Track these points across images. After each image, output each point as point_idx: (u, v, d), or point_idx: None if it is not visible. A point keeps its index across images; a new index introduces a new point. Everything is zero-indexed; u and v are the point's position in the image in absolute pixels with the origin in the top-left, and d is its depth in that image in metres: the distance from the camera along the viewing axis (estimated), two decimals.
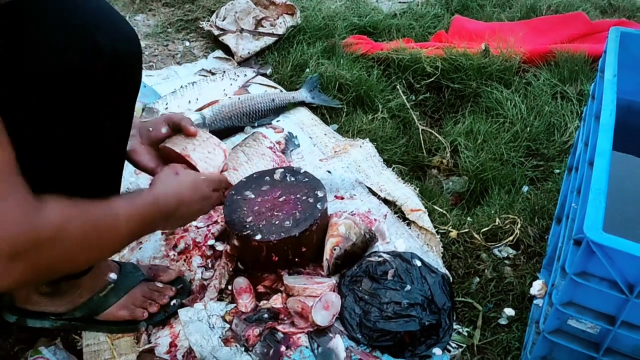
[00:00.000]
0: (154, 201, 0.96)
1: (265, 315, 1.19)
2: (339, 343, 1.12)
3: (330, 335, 1.15)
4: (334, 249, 1.24)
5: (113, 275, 1.17)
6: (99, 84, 0.85)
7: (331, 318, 1.16)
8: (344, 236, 1.25)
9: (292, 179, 1.35)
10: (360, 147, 1.64)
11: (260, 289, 1.25)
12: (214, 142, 1.22)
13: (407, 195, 1.46)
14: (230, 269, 1.28)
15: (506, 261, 1.31)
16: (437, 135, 1.76)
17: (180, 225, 1.09)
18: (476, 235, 1.36)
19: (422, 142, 1.74)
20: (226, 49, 2.13)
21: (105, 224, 0.82)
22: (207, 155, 1.20)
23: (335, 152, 1.64)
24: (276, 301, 1.21)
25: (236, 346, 1.13)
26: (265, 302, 1.22)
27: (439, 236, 1.36)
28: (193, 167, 1.16)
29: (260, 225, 1.23)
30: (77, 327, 1.17)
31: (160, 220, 0.98)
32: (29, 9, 0.76)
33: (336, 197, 1.49)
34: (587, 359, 0.90)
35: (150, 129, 1.16)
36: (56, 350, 1.12)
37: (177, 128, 1.20)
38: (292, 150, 1.66)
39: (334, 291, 1.21)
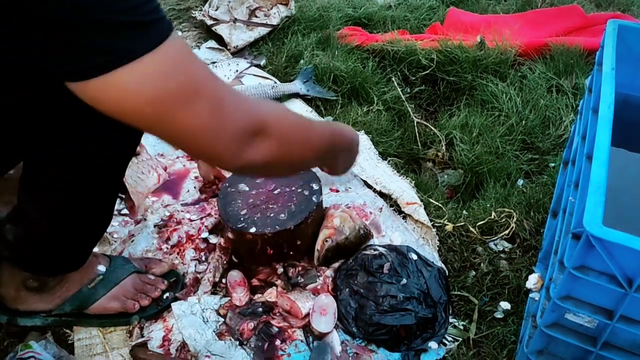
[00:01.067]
0: (340, 129, 1.03)
1: (260, 309, 1.18)
2: (334, 337, 1.12)
3: None
4: (326, 241, 1.23)
5: (102, 268, 1.16)
6: None
7: (333, 320, 1.15)
8: (337, 229, 1.24)
9: None
10: None
11: (255, 282, 1.24)
12: (151, 164, 1.23)
13: (403, 189, 1.45)
14: (224, 262, 1.27)
15: (502, 255, 1.31)
16: (432, 128, 1.75)
17: (344, 164, 1.11)
18: (472, 229, 1.35)
19: (417, 135, 1.73)
20: (219, 39, 2.10)
21: (308, 125, 0.89)
22: (140, 175, 1.21)
23: None
24: (270, 295, 1.20)
25: (230, 340, 1.12)
26: (259, 295, 1.21)
27: (434, 229, 1.35)
28: (123, 183, 1.14)
29: (255, 218, 1.21)
30: (68, 323, 1.15)
31: (342, 142, 1.02)
32: None
33: (331, 189, 1.48)
34: (584, 353, 0.90)
35: None
36: (47, 344, 1.10)
37: None
38: None
39: (327, 288, 1.21)
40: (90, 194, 0.95)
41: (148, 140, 1.62)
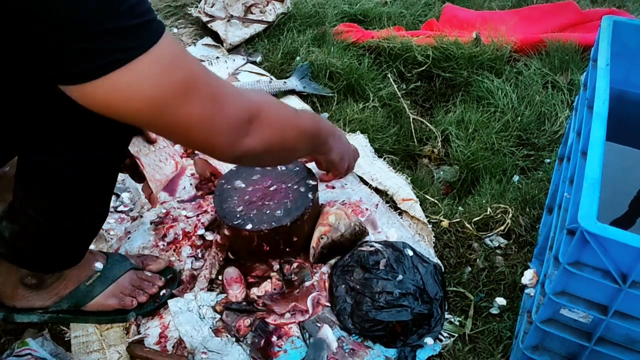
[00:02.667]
0: (315, 115, 1.12)
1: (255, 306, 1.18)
2: (328, 332, 1.12)
3: (318, 325, 1.15)
4: (321, 238, 1.23)
5: (99, 265, 1.15)
6: None
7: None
8: (332, 226, 1.24)
9: (283, 167, 1.33)
10: (350, 136, 1.63)
11: (251, 279, 1.24)
12: (169, 151, 1.24)
13: (399, 185, 1.45)
14: (221, 259, 1.27)
15: (497, 251, 1.32)
16: (428, 124, 1.75)
17: (339, 153, 1.19)
18: (467, 225, 1.36)
19: (413, 131, 1.73)
20: (215, 36, 2.10)
21: (294, 112, 0.94)
22: (158, 163, 1.21)
23: None
24: (265, 289, 1.21)
25: (227, 336, 1.12)
26: (255, 289, 1.21)
27: (430, 225, 1.36)
28: (141, 171, 1.15)
29: (251, 215, 1.21)
30: (65, 319, 1.15)
31: (326, 127, 1.09)
32: None
33: (327, 186, 1.47)
34: (579, 349, 0.91)
35: None
36: (43, 341, 1.10)
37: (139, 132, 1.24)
38: None
39: (323, 285, 1.21)
40: (86, 190, 0.95)
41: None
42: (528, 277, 1.07)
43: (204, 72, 0.71)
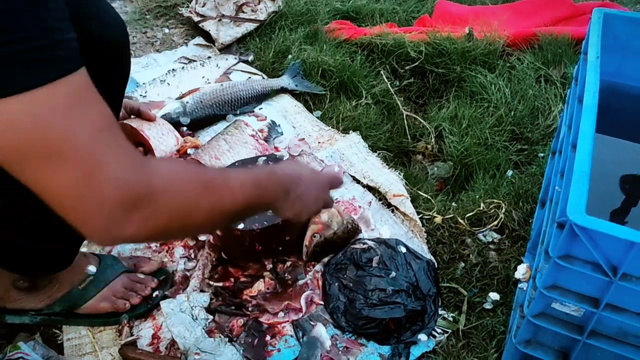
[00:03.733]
0: (270, 170, 0.89)
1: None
2: (321, 331, 1.12)
3: (312, 323, 1.14)
4: (314, 236, 1.23)
5: (92, 268, 1.15)
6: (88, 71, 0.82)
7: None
8: (325, 224, 1.24)
9: None
10: (344, 137, 1.62)
11: (244, 278, 1.23)
12: (168, 127, 1.32)
13: (391, 181, 1.45)
14: (214, 259, 1.27)
15: (491, 246, 1.31)
16: (421, 120, 1.74)
17: (300, 211, 0.93)
18: (461, 221, 1.35)
19: (406, 127, 1.72)
20: (207, 36, 2.09)
21: (217, 184, 0.74)
22: (161, 136, 1.27)
23: (319, 143, 1.62)
24: (258, 288, 1.20)
25: (220, 337, 1.12)
26: (249, 289, 1.21)
27: (419, 221, 1.35)
28: (147, 144, 1.23)
29: None
30: (57, 322, 1.15)
31: (278, 190, 0.86)
32: None
33: None
34: (572, 342, 0.91)
35: None
36: (35, 345, 1.09)
37: (135, 113, 1.27)
38: (275, 138, 1.63)
39: (317, 283, 1.21)
40: None
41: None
42: (521, 271, 1.06)
43: (92, 137, 0.58)
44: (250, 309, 1.17)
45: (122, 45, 0.92)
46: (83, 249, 1.18)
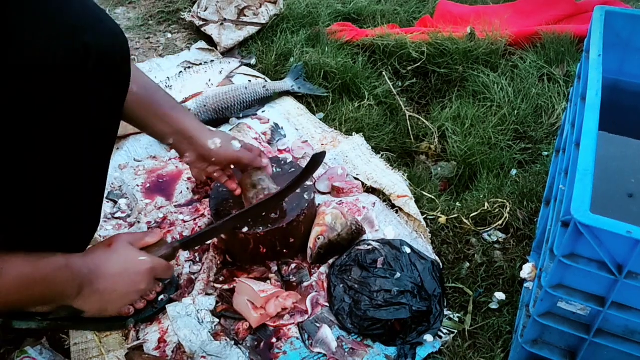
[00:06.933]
0: (65, 263, 0.90)
1: None
2: (327, 332, 1.11)
3: (318, 325, 1.14)
4: (318, 238, 1.23)
5: None
6: (87, 82, 0.82)
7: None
8: (329, 226, 1.24)
9: (279, 169, 1.33)
10: (347, 138, 1.62)
11: None
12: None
13: (394, 182, 1.45)
14: (219, 262, 1.27)
15: (496, 245, 1.31)
16: (424, 121, 1.74)
17: (102, 305, 0.99)
18: (465, 221, 1.35)
19: (409, 128, 1.72)
20: (209, 40, 2.10)
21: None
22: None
23: (323, 145, 1.62)
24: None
25: (226, 340, 1.12)
26: None
27: (423, 221, 1.35)
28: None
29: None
30: (64, 326, 1.15)
31: (71, 287, 0.91)
32: (14, 4, 0.73)
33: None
34: (579, 341, 0.90)
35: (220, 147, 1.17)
36: (42, 349, 1.10)
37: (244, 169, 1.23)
38: (278, 141, 1.63)
39: (322, 285, 1.21)
40: (74, 198, 0.95)
41: (140, 143, 1.62)
42: (527, 270, 1.06)
43: None
44: None
45: (121, 55, 0.90)
46: None
